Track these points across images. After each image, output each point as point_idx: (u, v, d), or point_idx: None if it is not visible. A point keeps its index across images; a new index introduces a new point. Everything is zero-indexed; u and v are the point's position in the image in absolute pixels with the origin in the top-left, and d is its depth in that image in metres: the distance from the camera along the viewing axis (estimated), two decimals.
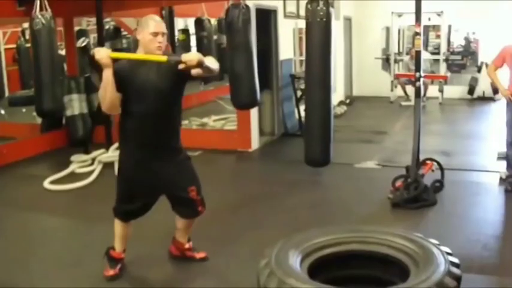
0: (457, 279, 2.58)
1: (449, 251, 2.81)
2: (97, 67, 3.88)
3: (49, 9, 6.86)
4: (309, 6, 5.34)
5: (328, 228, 3.23)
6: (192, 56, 3.78)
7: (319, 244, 2.98)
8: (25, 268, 4.71)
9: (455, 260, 2.72)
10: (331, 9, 5.35)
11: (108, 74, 3.81)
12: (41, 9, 6.84)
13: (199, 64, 3.76)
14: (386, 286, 2.71)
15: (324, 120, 5.55)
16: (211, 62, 3.94)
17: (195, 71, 3.84)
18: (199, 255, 4.66)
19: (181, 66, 3.74)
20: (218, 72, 4.10)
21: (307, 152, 5.64)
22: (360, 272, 3.00)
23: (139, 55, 3.99)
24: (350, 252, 2.99)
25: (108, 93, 3.85)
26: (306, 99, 6.00)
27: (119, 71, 3.89)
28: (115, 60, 3.86)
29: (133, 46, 11.79)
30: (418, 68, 6.24)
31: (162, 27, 4.02)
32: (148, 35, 3.93)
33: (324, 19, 5.29)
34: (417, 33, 6.29)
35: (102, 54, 3.78)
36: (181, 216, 4.46)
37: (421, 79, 6.24)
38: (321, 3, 5.29)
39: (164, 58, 3.84)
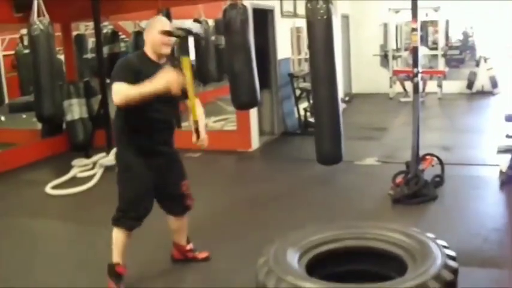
0: (454, 271, 2.60)
1: (445, 244, 2.82)
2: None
3: (47, 15, 6.90)
4: (308, 4, 5.27)
5: (326, 225, 3.25)
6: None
7: (317, 241, 2.99)
8: (31, 271, 4.76)
9: (452, 253, 2.73)
10: (330, 6, 5.30)
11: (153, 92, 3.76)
12: (38, 15, 6.87)
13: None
14: (384, 280, 2.73)
15: (333, 118, 5.51)
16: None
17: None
18: (201, 255, 4.69)
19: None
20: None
21: (319, 151, 5.55)
22: (358, 267, 3.01)
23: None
24: (347, 249, 3.01)
25: (133, 100, 3.78)
26: (314, 98, 5.94)
27: (137, 72, 3.87)
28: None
29: (132, 49, 11.85)
30: (415, 64, 6.25)
31: (170, 26, 4.09)
32: (157, 34, 3.98)
33: (325, 17, 5.24)
34: (414, 29, 6.30)
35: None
36: (171, 214, 4.46)
37: (419, 75, 6.26)
38: (321, 1, 5.26)
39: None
